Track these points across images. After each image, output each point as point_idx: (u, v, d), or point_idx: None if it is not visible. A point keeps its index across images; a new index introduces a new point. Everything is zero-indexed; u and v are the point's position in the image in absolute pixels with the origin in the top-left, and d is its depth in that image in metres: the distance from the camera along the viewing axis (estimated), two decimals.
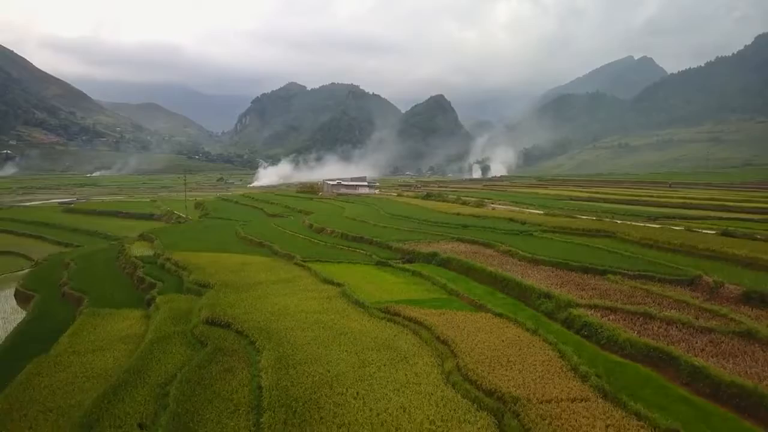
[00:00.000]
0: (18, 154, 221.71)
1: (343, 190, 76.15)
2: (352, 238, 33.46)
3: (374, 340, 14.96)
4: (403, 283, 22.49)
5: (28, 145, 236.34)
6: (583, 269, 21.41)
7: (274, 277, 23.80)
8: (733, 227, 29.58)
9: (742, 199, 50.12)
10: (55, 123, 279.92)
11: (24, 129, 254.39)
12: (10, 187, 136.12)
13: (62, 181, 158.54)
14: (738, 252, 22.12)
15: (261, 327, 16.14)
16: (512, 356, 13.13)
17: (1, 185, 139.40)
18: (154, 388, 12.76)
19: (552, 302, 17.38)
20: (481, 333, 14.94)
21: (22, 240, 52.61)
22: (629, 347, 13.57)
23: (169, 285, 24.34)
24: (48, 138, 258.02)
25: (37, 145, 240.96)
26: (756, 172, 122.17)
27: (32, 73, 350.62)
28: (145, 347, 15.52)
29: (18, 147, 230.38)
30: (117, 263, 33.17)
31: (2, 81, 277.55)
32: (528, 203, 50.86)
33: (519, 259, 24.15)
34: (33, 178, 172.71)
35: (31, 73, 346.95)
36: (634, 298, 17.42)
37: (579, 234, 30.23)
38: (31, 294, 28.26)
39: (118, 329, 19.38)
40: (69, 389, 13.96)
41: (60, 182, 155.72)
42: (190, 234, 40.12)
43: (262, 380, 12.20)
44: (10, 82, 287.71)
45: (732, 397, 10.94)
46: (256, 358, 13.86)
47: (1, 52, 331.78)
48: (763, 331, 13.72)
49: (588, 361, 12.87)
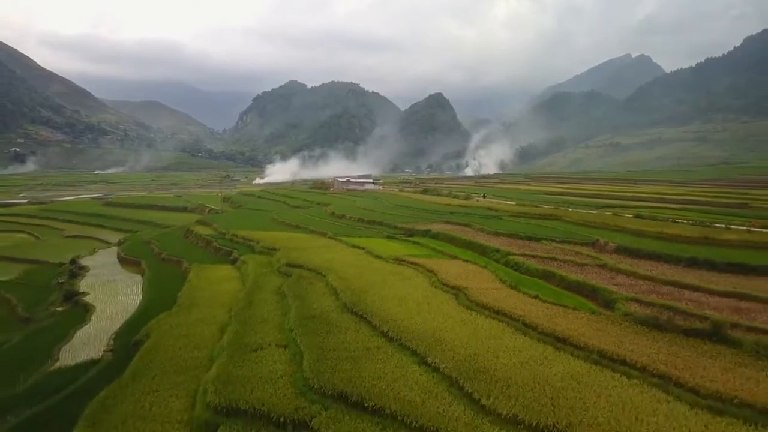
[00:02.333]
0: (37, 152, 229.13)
1: (351, 186, 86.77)
2: (367, 221, 44.08)
3: (389, 271, 25.55)
4: (405, 247, 33.02)
5: (36, 143, 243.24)
6: (527, 237, 31.99)
7: (316, 245, 34.39)
8: (649, 213, 40.16)
9: (683, 192, 60.71)
10: (61, 121, 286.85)
11: (31, 127, 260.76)
12: (27, 183, 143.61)
13: (76, 179, 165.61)
14: (630, 226, 32.81)
15: (321, 266, 26.70)
16: (468, 276, 23.72)
17: (17, 182, 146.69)
18: (271, 292, 23.35)
19: (499, 253, 27.96)
20: (453, 267, 25.56)
21: (85, 228, 62.84)
22: (534, 271, 24.18)
23: (243, 251, 34.89)
24: (54, 136, 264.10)
25: (44, 143, 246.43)
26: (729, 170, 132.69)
27: (36, 71, 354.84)
28: (254, 277, 26.13)
29: (26, 145, 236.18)
30: (187, 240, 43.74)
31: (8, 80, 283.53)
32: (507, 196, 61.47)
33: (486, 233, 34.70)
34: (46, 175, 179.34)
35: (34, 71, 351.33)
36: (551, 251, 28.00)
37: (535, 218, 40.81)
38: (132, 260, 38.80)
39: (221, 274, 29.93)
40: (217, 297, 24.51)
41: (74, 179, 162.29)
42: (237, 220, 50.58)
43: (334, 284, 22.77)
44: (15, 80, 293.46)
45: (575, 287, 21.52)
46: (325, 279, 24.41)
47: (5, 51, 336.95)
48: (610, 263, 24.33)
49: (509, 277, 23.46)
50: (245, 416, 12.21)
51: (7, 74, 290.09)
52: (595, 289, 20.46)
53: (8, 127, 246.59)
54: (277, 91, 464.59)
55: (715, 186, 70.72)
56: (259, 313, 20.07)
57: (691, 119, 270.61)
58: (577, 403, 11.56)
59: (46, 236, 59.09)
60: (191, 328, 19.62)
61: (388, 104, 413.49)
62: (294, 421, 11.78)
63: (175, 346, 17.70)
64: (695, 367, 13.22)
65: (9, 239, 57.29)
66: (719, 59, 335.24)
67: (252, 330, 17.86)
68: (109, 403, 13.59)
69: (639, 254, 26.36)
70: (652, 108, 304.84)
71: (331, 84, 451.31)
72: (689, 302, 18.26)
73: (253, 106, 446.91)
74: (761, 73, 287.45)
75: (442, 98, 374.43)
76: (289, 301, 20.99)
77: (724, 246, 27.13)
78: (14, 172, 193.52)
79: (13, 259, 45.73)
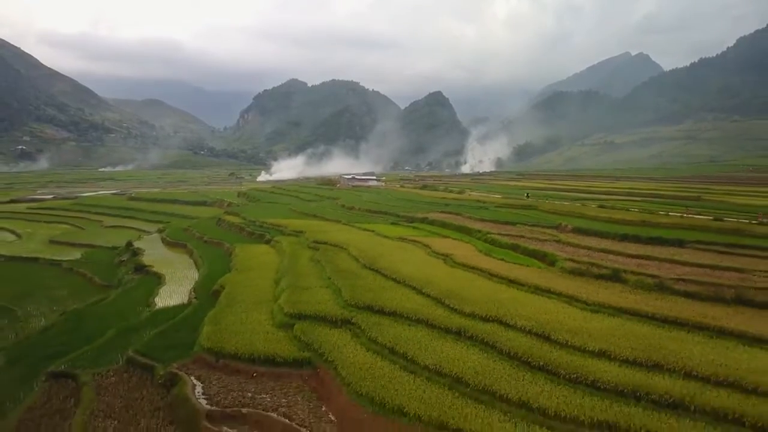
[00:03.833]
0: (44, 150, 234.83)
1: (356, 183, 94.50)
2: (373, 211, 51.73)
3: (394, 246, 33.17)
4: (406, 230, 40.61)
5: (41, 140, 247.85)
6: (505, 222, 39.58)
7: (333, 229, 41.98)
8: (612, 204, 47.75)
9: (653, 187, 68.34)
10: (66, 119, 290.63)
11: (36, 125, 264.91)
12: (38, 181, 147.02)
13: (85, 176, 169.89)
14: (589, 213, 40.47)
15: (341, 242, 34.28)
16: (454, 248, 31.35)
17: (29, 180, 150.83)
18: (307, 259, 30.96)
19: (481, 233, 35.57)
20: (443, 243, 33.20)
21: (120, 219, 70.12)
22: (505, 244, 31.79)
23: (273, 233, 42.45)
24: (59, 134, 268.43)
25: (50, 141, 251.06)
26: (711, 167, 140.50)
27: (40, 70, 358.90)
28: (290, 250, 33.72)
29: (32, 143, 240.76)
30: (220, 227, 51.30)
31: (13, 79, 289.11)
32: (497, 191, 69.09)
33: (473, 219, 42.30)
34: (55, 173, 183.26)
35: (38, 70, 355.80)
36: (521, 232, 35.58)
37: (516, 208, 48.41)
38: (177, 243, 46.36)
39: (261, 250, 37.47)
40: (263, 264, 32.06)
41: (84, 177, 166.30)
42: (260, 211, 58.10)
43: (353, 253, 30.39)
44: (21, 79, 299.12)
45: (532, 253, 29.10)
46: (346, 250, 31.99)
47: (10, 50, 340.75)
48: (564, 239, 31.96)
49: (484, 248, 31.08)
50: (309, 319, 19.84)
51: (12, 73, 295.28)
52: (546, 254, 28.07)
53: (14, 125, 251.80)
54: (278, 89, 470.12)
55: (684, 182, 78.31)
56: (302, 270, 27.71)
57: (683, 118, 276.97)
58: (514, 308, 19.16)
59: (87, 227, 66.55)
60: (253, 281, 27.25)
61: (388, 103, 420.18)
62: (341, 320, 19.43)
63: (245, 291, 25.31)
64: (593, 292, 20.85)
65: (56, 229, 64.76)
66: (713, 59, 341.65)
67: (300, 279, 25.49)
68: (218, 316, 21.22)
69: (588, 233, 33.99)
70: (647, 107, 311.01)
71: (332, 82, 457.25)
72: (608, 261, 25.88)
73: (253, 104, 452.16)
74: (753, 73, 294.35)
75: (442, 96, 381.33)
76: (323, 263, 28.61)
77: (659, 227, 34.66)
78: (25, 170, 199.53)
79: (71, 244, 53.34)
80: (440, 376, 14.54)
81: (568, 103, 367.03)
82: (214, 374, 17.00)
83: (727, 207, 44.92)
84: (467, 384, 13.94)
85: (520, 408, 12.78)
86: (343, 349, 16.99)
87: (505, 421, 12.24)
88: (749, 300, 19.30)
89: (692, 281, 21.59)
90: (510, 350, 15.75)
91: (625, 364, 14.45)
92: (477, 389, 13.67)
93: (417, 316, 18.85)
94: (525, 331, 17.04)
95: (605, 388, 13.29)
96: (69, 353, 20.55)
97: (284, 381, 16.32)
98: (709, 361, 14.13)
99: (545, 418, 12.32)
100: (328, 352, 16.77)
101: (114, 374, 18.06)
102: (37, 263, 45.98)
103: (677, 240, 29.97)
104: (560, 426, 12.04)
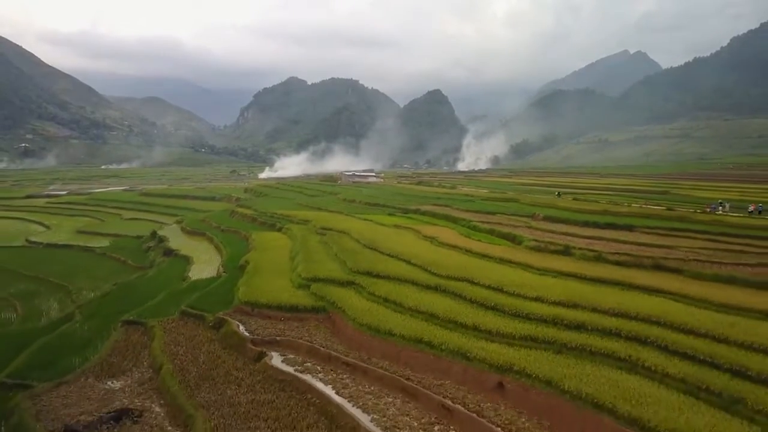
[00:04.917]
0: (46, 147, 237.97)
1: (356, 179, 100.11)
2: (372, 204, 57.30)
3: (390, 232, 38.77)
4: (401, 220, 46.13)
5: (44, 138, 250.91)
6: (487, 212, 45.17)
7: (337, 218, 47.54)
8: (584, 197, 53.33)
9: (629, 183, 73.96)
10: (67, 117, 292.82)
11: (38, 123, 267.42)
12: (44, 178, 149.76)
13: (90, 173, 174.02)
14: (561, 204, 46.12)
15: (345, 229, 39.85)
16: (440, 232, 36.96)
17: (36, 177, 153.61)
18: (316, 242, 36.56)
19: (464, 221, 41.17)
20: (432, 228, 38.82)
21: (138, 212, 75.74)
22: (483, 230, 37.37)
23: (284, 223, 48.01)
24: (62, 132, 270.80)
25: (52, 138, 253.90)
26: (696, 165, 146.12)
27: (41, 68, 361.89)
28: (300, 235, 39.31)
29: (34, 141, 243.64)
30: (234, 218, 56.84)
31: (15, 77, 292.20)
32: (486, 186, 74.69)
33: (460, 210, 47.88)
34: (60, 171, 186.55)
35: (40, 68, 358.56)
36: (500, 220, 41.15)
37: (500, 200, 53.99)
38: (197, 232, 51.90)
39: (274, 236, 43.05)
40: (278, 246, 37.63)
41: (88, 174, 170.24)
42: (268, 204, 63.64)
43: (355, 237, 35.98)
44: (23, 77, 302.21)
45: (505, 236, 34.73)
46: (349, 235, 37.56)
47: (12, 49, 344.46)
48: (534, 225, 37.57)
49: (466, 232, 36.67)
50: (322, 281, 25.47)
51: (14, 71, 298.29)
52: (515, 236, 33.66)
53: (17, 123, 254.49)
54: (278, 87, 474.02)
55: (660, 179, 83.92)
56: (313, 249, 33.35)
57: (677, 117, 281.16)
58: (480, 272, 24.74)
59: (107, 219, 72.12)
60: (272, 258, 32.87)
61: (387, 101, 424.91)
62: (347, 281, 25.08)
63: (267, 265, 30.93)
64: (545, 262, 26.46)
65: (80, 221, 70.32)
66: (707, 58, 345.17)
67: (312, 255, 31.14)
68: (249, 281, 26.86)
69: (556, 220, 39.57)
70: (642, 106, 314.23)
71: (331, 81, 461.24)
72: (565, 241, 31.46)
73: (253, 102, 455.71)
74: (746, 72, 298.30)
75: (441, 95, 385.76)
76: (330, 244, 34.24)
77: (618, 215, 40.21)
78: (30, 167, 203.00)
79: (98, 234, 59.00)
80: (420, 313, 20.20)
81: (566, 102, 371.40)
82: (252, 319, 22.63)
83: (689, 200, 50.47)
84: (438, 317, 19.59)
85: (474, 330, 18.42)
86: (348, 299, 22.64)
87: (462, 337, 17.87)
88: (663, 266, 24.93)
89: (626, 254, 27.20)
90: (472, 298, 21.38)
91: (552, 304, 20.05)
92: (445, 320, 19.32)
93: (405, 277, 24.48)
94: (485, 286, 22.66)
95: (534, 318, 18.92)
96: (131, 310, 26.17)
97: (305, 322, 21.98)
98: (613, 302, 19.73)
99: (489, 335, 17.96)
100: (337, 302, 22.43)
101: (173, 322, 23.69)
102: (72, 249, 51.73)
103: (628, 225, 35.55)
104: (498, 339, 17.68)
